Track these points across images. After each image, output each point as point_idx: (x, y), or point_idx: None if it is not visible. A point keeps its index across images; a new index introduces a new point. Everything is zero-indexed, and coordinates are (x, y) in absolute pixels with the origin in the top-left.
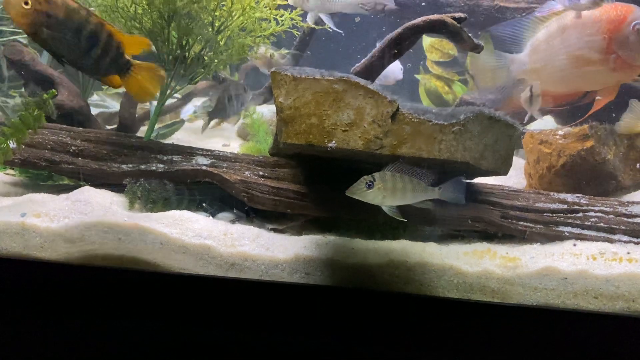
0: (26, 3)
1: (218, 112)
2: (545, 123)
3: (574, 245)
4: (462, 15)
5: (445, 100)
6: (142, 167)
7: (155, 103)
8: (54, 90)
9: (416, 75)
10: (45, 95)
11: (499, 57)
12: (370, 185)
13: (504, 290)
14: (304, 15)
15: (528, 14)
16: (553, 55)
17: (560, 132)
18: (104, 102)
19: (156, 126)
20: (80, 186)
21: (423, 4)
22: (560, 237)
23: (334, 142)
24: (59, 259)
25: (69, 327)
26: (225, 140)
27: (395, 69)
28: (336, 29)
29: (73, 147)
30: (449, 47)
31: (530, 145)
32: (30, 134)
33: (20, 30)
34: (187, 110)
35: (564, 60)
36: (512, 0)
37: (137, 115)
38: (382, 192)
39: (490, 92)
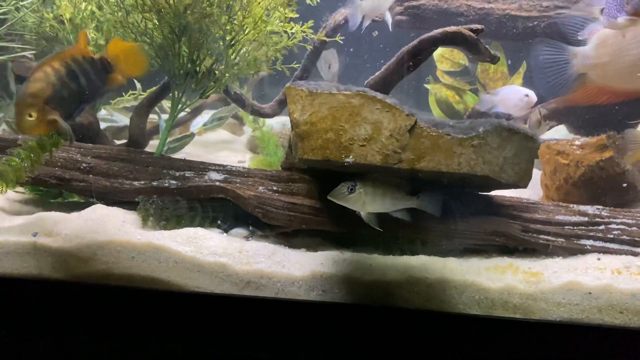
0: (30, 115)
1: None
2: (557, 132)
3: (598, 259)
4: (479, 26)
5: (456, 110)
6: (155, 183)
7: (164, 117)
8: None
9: (426, 85)
10: None
11: (560, 50)
12: (352, 190)
13: (526, 305)
14: (315, 29)
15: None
16: (623, 50)
17: (577, 143)
18: (112, 116)
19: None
20: (91, 203)
21: (435, 16)
22: (582, 251)
23: (351, 157)
24: (70, 279)
25: (82, 347)
26: (234, 153)
27: None
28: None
29: (84, 164)
30: (460, 57)
31: (546, 155)
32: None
33: (29, 47)
34: (197, 124)
35: (637, 55)
36: (524, 9)
37: (147, 129)
38: (363, 197)
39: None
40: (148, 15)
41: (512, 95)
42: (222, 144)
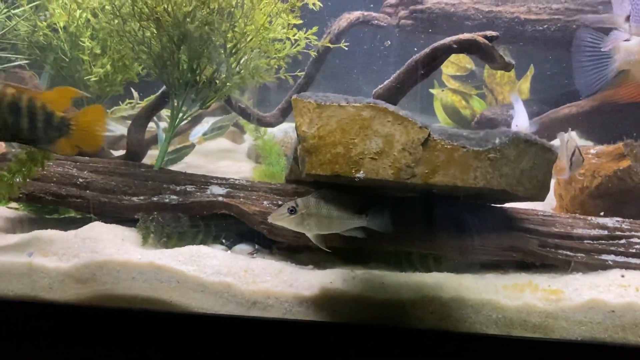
0: None
1: None
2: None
3: (622, 276)
4: (494, 33)
5: (463, 116)
6: (155, 199)
7: (163, 125)
8: None
9: (431, 90)
10: None
11: (603, 42)
12: (292, 211)
13: (546, 324)
14: (319, 35)
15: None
16: None
17: (592, 151)
18: (109, 125)
19: None
20: (88, 219)
21: (441, 20)
22: (604, 266)
23: (362, 172)
24: (68, 300)
25: None
26: (235, 162)
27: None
28: None
29: (80, 179)
30: (466, 61)
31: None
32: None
33: (23, 56)
34: (196, 133)
35: None
36: (533, 12)
37: (145, 139)
38: (306, 219)
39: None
40: (146, 23)
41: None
42: (222, 153)
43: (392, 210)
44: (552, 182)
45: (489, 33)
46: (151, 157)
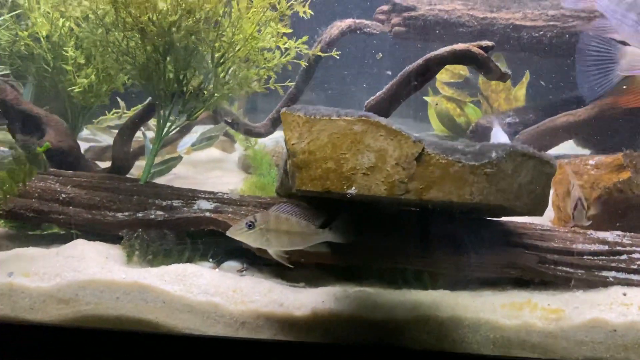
0: None
1: None
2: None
3: (624, 294)
4: (489, 43)
5: (458, 124)
6: (140, 215)
7: (150, 135)
8: (48, 143)
9: (425, 97)
10: (38, 149)
11: (608, 47)
12: (250, 226)
13: (545, 344)
14: (310, 44)
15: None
16: None
17: (591, 162)
18: (95, 136)
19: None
20: (72, 236)
21: (435, 27)
22: (604, 283)
23: (354, 188)
24: (50, 321)
25: None
26: (226, 173)
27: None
28: None
29: (63, 195)
30: (460, 68)
31: (558, 176)
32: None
33: (4, 66)
34: (185, 143)
35: None
36: (529, 18)
37: (132, 150)
38: (265, 234)
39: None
40: (130, 33)
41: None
42: (212, 163)
43: (357, 221)
44: (551, 193)
45: (484, 43)
46: (139, 168)
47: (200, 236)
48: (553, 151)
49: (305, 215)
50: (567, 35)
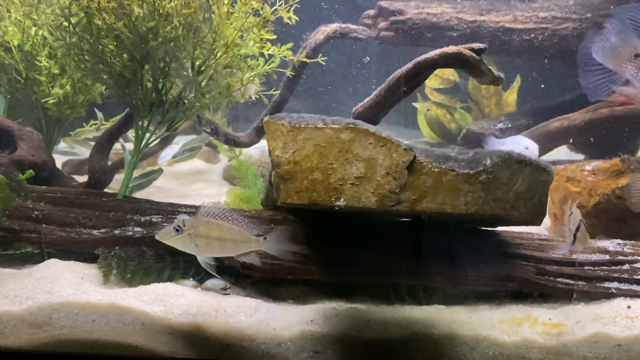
0: None
1: None
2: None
3: (628, 307)
4: (481, 45)
5: (448, 130)
6: (117, 232)
7: (129, 147)
8: (31, 170)
9: (415, 104)
10: (20, 176)
11: (626, 44)
12: (178, 231)
13: None
14: (294, 50)
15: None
16: None
17: (588, 168)
18: (73, 149)
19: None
20: (45, 255)
21: (423, 31)
22: (607, 295)
23: (342, 200)
24: (22, 347)
25: None
26: (209, 184)
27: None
28: None
29: (36, 212)
30: (450, 73)
31: (555, 182)
32: None
33: None
34: (166, 155)
35: None
36: (519, 21)
37: (111, 162)
38: (194, 240)
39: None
40: (105, 41)
41: (515, 146)
42: (196, 175)
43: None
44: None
45: (475, 45)
46: (118, 181)
47: (181, 253)
48: (547, 157)
49: (242, 222)
50: (557, 37)
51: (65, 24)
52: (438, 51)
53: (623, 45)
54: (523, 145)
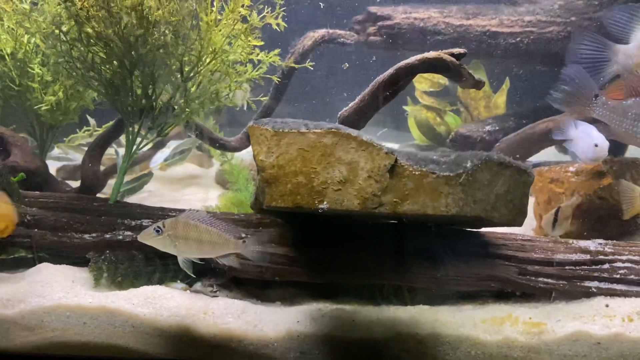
0: None
1: None
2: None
3: (607, 305)
4: (461, 50)
5: (438, 133)
6: (107, 236)
7: (121, 152)
8: (22, 173)
9: (404, 107)
10: (12, 179)
11: (600, 46)
12: (158, 231)
13: (528, 359)
14: (282, 56)
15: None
16: None
17: (571, 169)
18: (67, 154)
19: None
20: (37, 259)
21: (410, 35)
22: (587, 294)
23: (325, 203)
24: (15, 350)
25: None
26: (202, 189)
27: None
28: None
29: (28, 217)
30: (439, 76)
31: (539, 183)
32: None
33: None
34: (157, 160)
35: None
36: (505, 24)
37: (105, 168)
38: (173, 241)
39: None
40: (95, 48)
41: (585, 139)
42: (189, 179)
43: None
44: (532, 201)
45: (456, 50)
46: (111, 186)
47: (170, 256)
48: (534, 158)
49: (222, 225)
50: (543, 41)
51: (57, 31)
52: (419, 57)
53: (581, 90)
54: (592, 140)
